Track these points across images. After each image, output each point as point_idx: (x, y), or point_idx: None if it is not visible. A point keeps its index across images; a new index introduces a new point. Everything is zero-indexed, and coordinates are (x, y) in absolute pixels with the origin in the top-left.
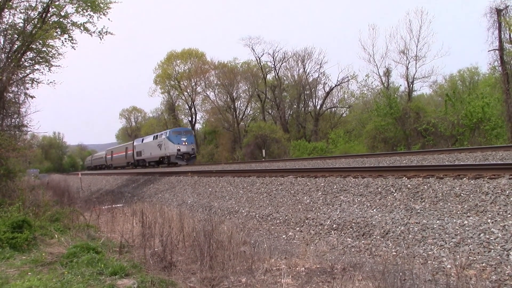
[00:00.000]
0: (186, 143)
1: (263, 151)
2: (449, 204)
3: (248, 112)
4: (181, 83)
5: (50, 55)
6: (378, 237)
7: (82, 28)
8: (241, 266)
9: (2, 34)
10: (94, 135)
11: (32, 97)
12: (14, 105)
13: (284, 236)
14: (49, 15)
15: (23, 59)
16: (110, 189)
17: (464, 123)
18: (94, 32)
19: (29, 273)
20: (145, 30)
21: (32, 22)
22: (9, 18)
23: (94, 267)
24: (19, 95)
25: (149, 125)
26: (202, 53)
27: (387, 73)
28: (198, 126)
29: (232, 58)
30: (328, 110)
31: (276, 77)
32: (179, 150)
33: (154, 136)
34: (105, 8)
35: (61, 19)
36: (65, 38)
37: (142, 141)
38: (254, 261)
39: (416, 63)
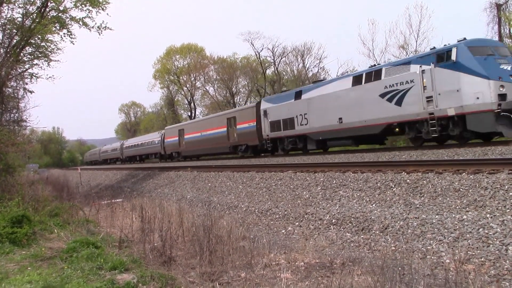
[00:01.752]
0: None
1: None
2: (448, 199)
3: None
4: (181, 78)
5: (49, 50)
6: (377, 232)
7: (81, 23)
8: (241, 261)
9: (1, 28)
10: (93, 130)
11: (31, 92)
12: (13, 100)
13: (283, 231)
14: (47, 9)
15: (22, 54)
16: (110, 184)
17: None
18: (93, 27)
19: (29, 268)
20: (144, 25)
21: (31, 16)
22: (7, 12)
23: (93, 262)
24: (18, 90)
25: (148, 120)
26: (202, 48)
27: None
28: None
29: (232, 53)
30: None
31: (276, 72)
32: (502, 95)
33: (360, 75)
34: (104, 3)
35: (59, 14)
36: (64, 33)
37: (300, 97)
38: (253, 256)
39: None
